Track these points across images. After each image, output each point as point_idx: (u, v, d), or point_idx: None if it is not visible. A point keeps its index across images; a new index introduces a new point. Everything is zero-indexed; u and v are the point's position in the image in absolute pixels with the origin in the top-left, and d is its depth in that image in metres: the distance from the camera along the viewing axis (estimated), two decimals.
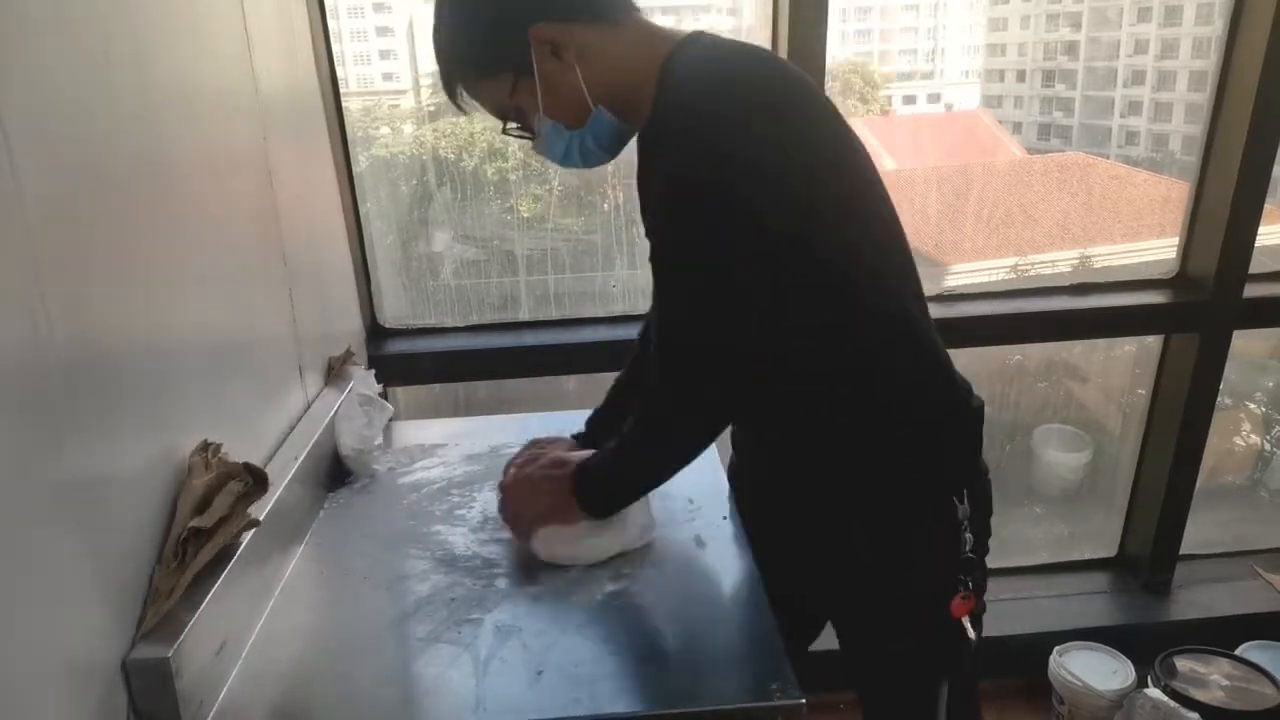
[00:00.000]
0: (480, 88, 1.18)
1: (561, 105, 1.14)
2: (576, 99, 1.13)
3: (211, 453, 1.09)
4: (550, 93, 1.13)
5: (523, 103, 1.15)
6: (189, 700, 0.94)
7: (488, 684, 1.01)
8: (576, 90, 1.13)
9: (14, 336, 0.77)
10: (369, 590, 1.21)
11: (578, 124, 1.16)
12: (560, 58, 1.11)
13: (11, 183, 0.78)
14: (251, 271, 1.35)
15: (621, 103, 1.15)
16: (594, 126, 1.16)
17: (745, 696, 0.98)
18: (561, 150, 1.19)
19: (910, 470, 1.17)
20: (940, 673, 1.23)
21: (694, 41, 1.13)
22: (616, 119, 1.16)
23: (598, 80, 1.13)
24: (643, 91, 1.11)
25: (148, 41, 1.06)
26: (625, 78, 1.13)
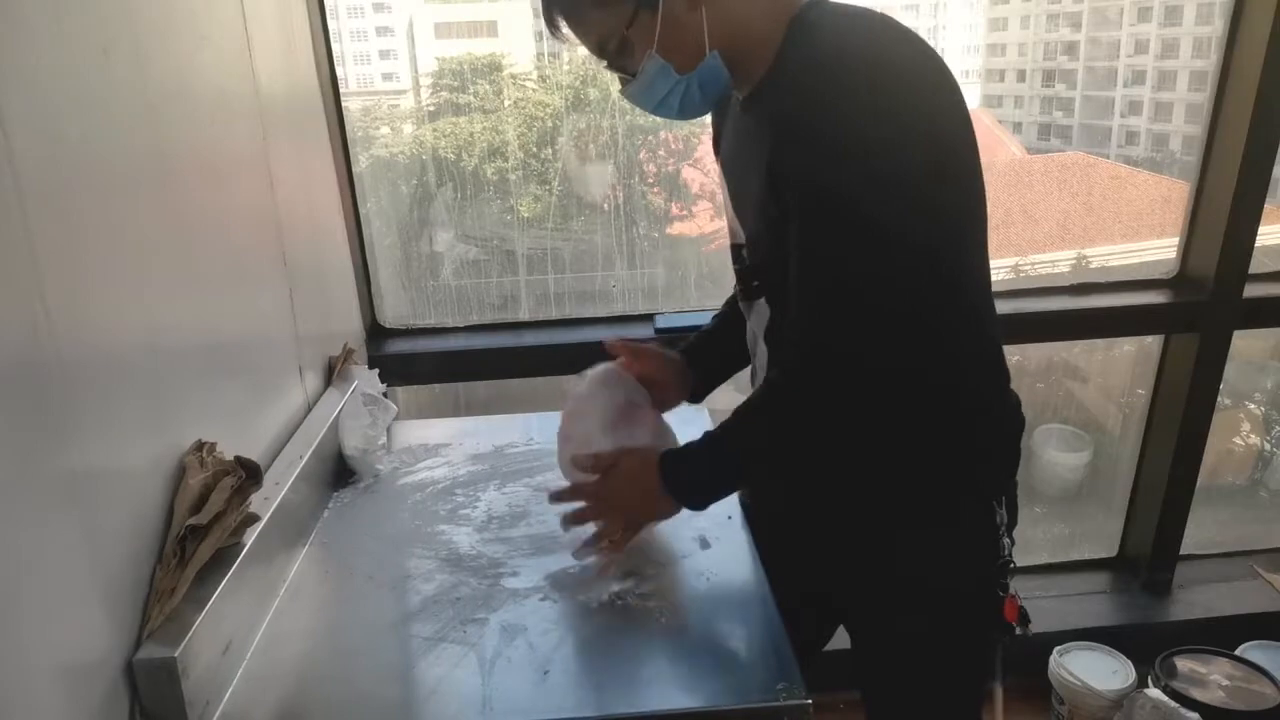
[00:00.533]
0: (592, 14, 1.09)
1: (677, 45, 1.07)
2: (695, 41, 1.06)
3: (206, 451, 1.09)
4: (670, 30, 1.06)
5: (636, 36, 1.08)
6: (195, 700, 0.93)
7: (494, 684, 1.00)
8: (698, 32, 1.06)
9: (13, 336, 0.77)
10: (374, 590, 1.20)
11: (688, 68, 1.09)
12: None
13: (11, 182, 0.77)
14: (251, 271, 1.34)
15: (735, 54, 1.08)
16: (704, 73, 1.09)
17: (751, 696, 0.98)
18: (662, 94, 1.12)
19: (963, 477, 1.16)
20: (988, 675, 1.23)
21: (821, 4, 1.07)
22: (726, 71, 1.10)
23: (720, 26, 1.06)
24: (762, 47, 1.06)
25: (147, 41, 1.05)
26: (747, 29, 1.07)
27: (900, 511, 1.17)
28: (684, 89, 1.11)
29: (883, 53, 1.01)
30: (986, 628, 1.18)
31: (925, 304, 1.01)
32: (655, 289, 2.15)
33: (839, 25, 1.04)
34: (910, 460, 1.14)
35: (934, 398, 1.08)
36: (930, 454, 1.13)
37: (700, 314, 1.97)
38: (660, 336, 1.97)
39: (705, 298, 2.12)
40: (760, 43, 1.07)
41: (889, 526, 1.19)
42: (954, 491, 1.16)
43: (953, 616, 1.19)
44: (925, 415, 1.10)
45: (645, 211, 2.15)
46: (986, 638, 1.19)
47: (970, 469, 1.16)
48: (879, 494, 1.17)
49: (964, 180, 1.05)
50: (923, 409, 1.09)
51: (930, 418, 1.10)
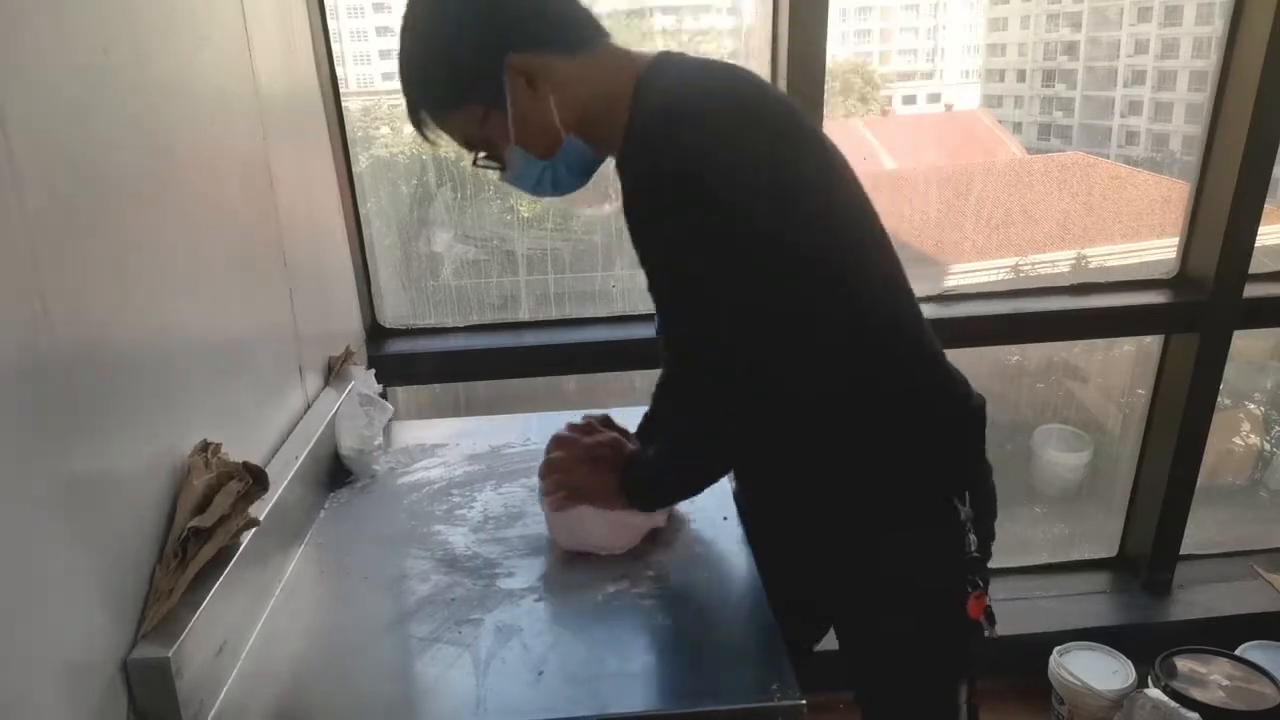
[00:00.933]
0: (449, 118, 1.16)
1: (533, 135, 1.14)
2: (549, 129, 1.13)
3: (211, 452, 1.09)
4: (522, 123, 1.12)
5: (493, 134, 1.14)
6: (189, 700, 0.94)
7: (488, 684, 1.01)
8: (549, 120, 1.12)
9: (14, 336, 0.77)
10: (369, 590, 1.21)
11: (549, 154, 1.16)
12: (535, 88, 1.11)
13: (11, 183, 0.78)
14: (251, 271, 1.35)
15: (593, 129, 1.15)
16: (565, 155, 1.16)
17: (745, 697, 0.98)
18: (533, 180, 1.19)
19: (907, 474, 1.17)
20: (958, 674, 1.23)
21: (664, 61, 1.13)
22: (588, 146, 1.16)
23: (570, 109, 1.13)
24: (615, 116, 1.11)
25: (147, 41, 1.06)
26: (598, 104, 1.13)
27: (855, 511, 1.19)
28: (551, 172, 1.18)
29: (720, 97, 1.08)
30: (951, 625, 1.18)
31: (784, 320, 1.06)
32: None
33: (677, 76, 1.11)
34: (850, 460, 1.17)
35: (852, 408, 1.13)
36: (870, 459, 1.16)
37: None
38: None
39: None
40: (613, 109, 1.11)
41: (848, 526, 1.21)
42: (903, 490, 1.17)
43: (919, 615, 1.19)
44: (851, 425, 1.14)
45: None
46: (953, 635, 1.19)
47: (918, 470, 1.17)
48: (832, 495, 1.20)
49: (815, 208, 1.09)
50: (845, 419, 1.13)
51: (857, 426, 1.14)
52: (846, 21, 2.25)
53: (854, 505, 1.19)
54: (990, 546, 1.21)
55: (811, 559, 1.27)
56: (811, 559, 1.27)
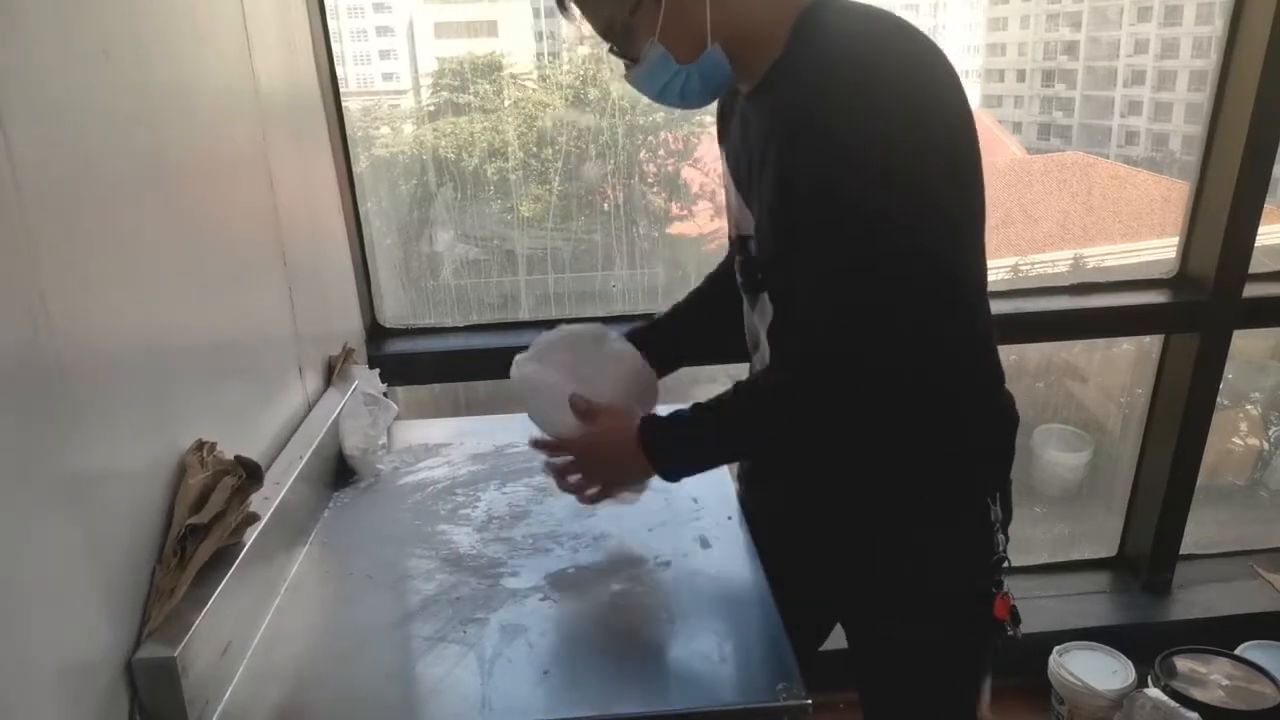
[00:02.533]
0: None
1: (680, 35, 1.07)
2: (697, 32, 1.06)
3: (206, 451, 1.09)
4: (673, 19, 1.06)
5: (639, 23, 1.08)
6: (195, 699, 0.94)
7: (493, 684, 1.00)
8: (700, 23, 1.06)
9: (13, 336, 0.77)
10: (374, 590, 1.20)
11: (690, 59, 1.08)
12: None
13: (11, 182, 0.77)
14: (251, 271, 1.35)
15: (739, 48, 1.08)
16: (705, 64, 1.09)
17: (751, 696, 0.98)
18: (662, 83, 1.12)
19: (955, 473, 1.16)
20: (979, 673, 1.23)
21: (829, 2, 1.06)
22: (728, 64, 1.10)
23: (724, 19, 1.06)
24: (768, 44, 1.06)
25: (148, 41, 1.05)
26: (752, 23, 1.07)
27: (895, 511, 1.17)
28: (684, 79, 1.10)
29: (891, 51, 1.01)
30: (979, 625, 1.18)
31: (927, 306, 1.00)
32: (655, 289, 2.15)
33: (847, 23, 1.04)
34: (904, 460, 1.14)
35: (929, 397, 1.08)
36: (924, 453, 1.14)
37: None
38: None
39: None
40: (765, 36, 1.06)
41: (883, 526, 1.19)
42: (948, 490, 1.17)
43: (945, 614, 1.19)
44: (920, 415, 1.10)
45: (645, 211, 2.14)
46: (979, 635, 1.19)
47: (964, 468, 1.17)
48: (873, 493, 1.18)
49: (970, 181, 1.05)
50: (918, 409, 1.09)
51: (924, 417, 1.10)
52: None
53: (896, 502, 1.17)
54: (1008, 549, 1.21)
55: (836, 557, 1.26)
56: (836, 557, 1.26)
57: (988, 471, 1.19)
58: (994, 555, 1.17)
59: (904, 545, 1.18)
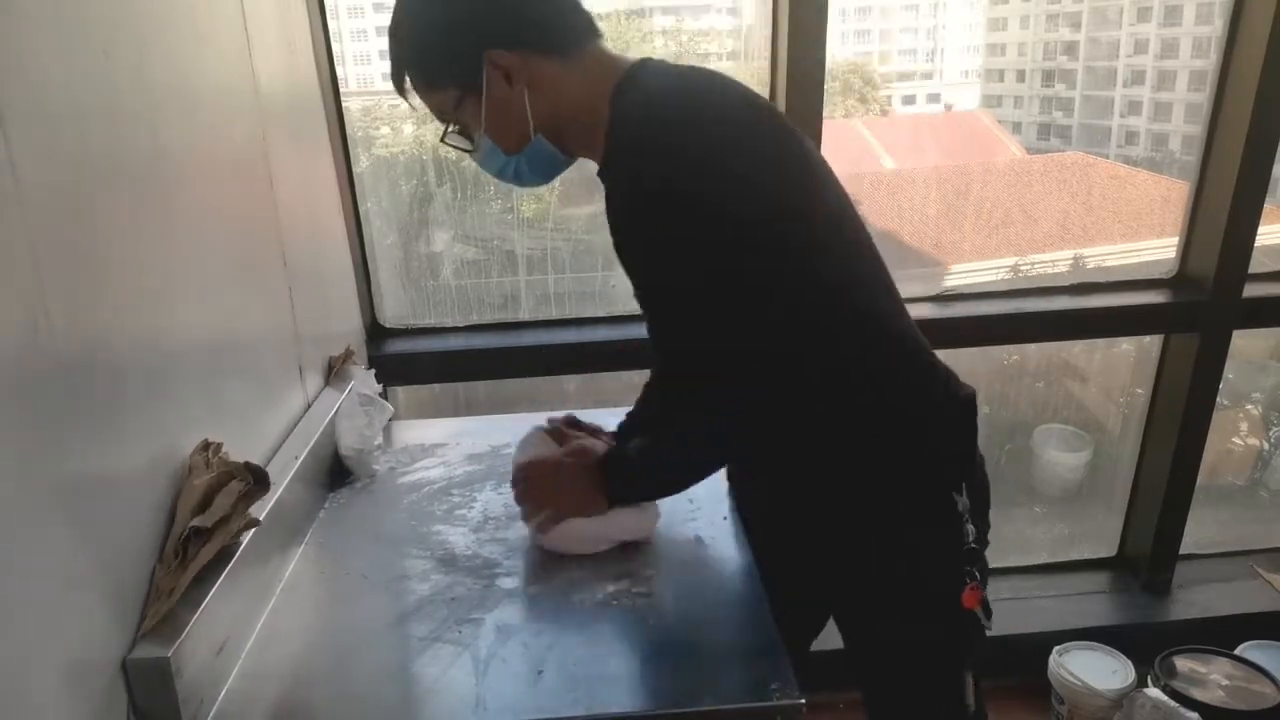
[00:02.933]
0: (426, 93, 1.18)
1: (503, 128, 1.15)
2: (519, 125, 1.15)
3: (212, 452, 1.09)
4: (495, 115, 1.14)
5: (465, 116, 1.17)
6: (189, 699, 0.94)
7: (488, 683, 1.01)
8: (521, 117, 1.14)
9: (14, 336, 0.77)
10: (369, 590, 1.21)
11: (516, 149, 1.17)
12: (511, 84, 1.12)
13: (11, 182, 0.78)
14: (251, 271, 1.35)
15: (565, 132, 1.17)
16: (531, 153, 1.18)
17: (745, 696, 0.98)
18: (497, 168, 1.21)
19: (903, 468, 1.17)
20: (961, 664, 1.24)
21: (641, 68, 1.14)
22: (556, 148, 1.18)
23: (544, 110, 1.14)
24: (592, 121, 1.12)
25: (148, 41, 1.06)
26: (572, 109, 1.14)
27: (856, 509, 1.20)
28: (515, 166, 1.19)
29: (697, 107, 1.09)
30: (949, 616, 1.19)
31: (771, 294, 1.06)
32: None
33: (658, 80, 1.12)
34: (854, 462, 1.17)
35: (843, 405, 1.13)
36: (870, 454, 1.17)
37: None
38: None
39: None
40: (590, 116, 1.13)
41: (848, 524, 1.21)
42: (905, 487, 1.18)
43: (916, 607, 1.20)
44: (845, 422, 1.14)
45: None
46: (954, 626, 1.20)
47: (917, 463, 1.18)
48: (833, 494, 1.21)
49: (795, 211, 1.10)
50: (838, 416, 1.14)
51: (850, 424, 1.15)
52: (846, 21, 2.26)
53: (850, 501, 1.20)
54: (987, 537, 1.21)
55: (813, 555, 1.28)
56: (813, 555, 1.28)
57: (943, 463, 1.19)
58: (964, 545, 1.17)
59: (869, 542, 1.20)
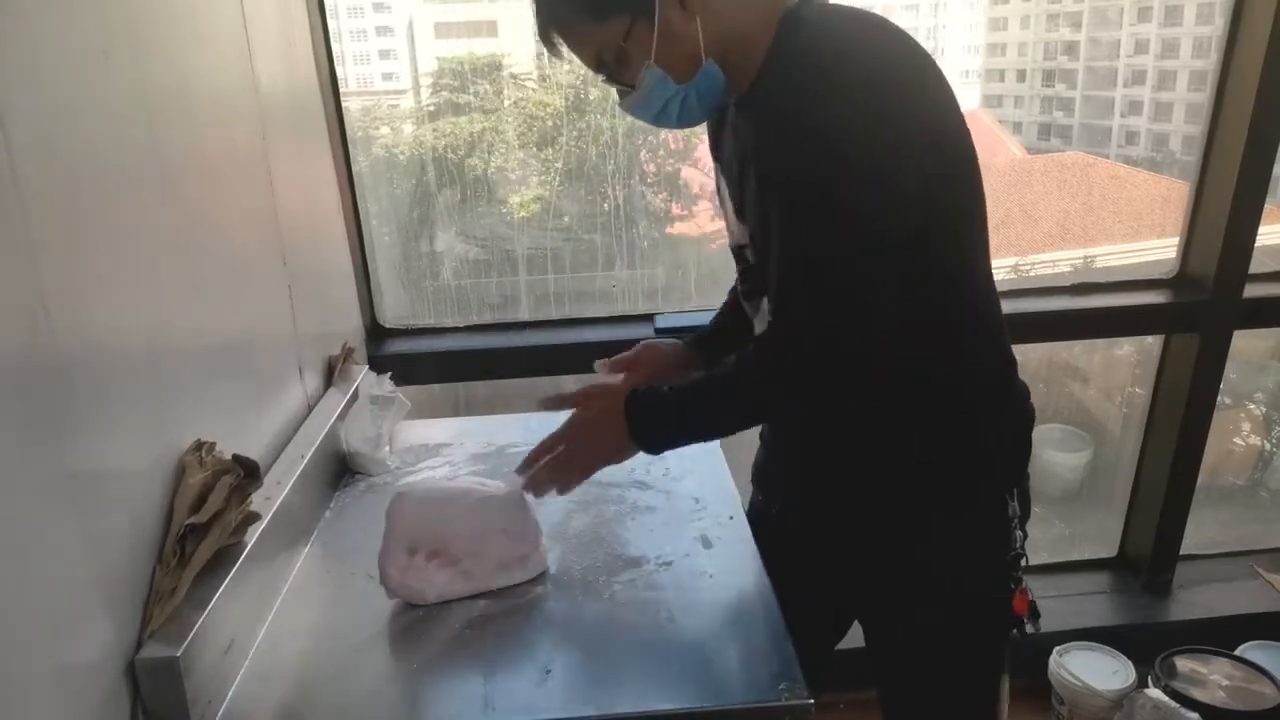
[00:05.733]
0: (589, 29, 1.10)
1: (675, 55, 1.08)
2: (691, 50, 1.07)
3: (205, 451, 1.09)
4: (666, 41, 1.07)
5: (633, 49, 1.08)
6: (197, 699, 0.94)
7: (495, 683, 1.00)
8: (694, 41, 1.07)
9: (13, 336, 0.77)
10: (375, 589, 1.20)
11: (686, 77, 1.09)
12: (685, 6, 1.06)
13: (11, 182, 0.77)
14: (251, 271, 1.34)
15: (732, 60, 1.09)
16: (701, 81, 1.10)
17: (753, 696, 0.98)
18: (660, 104, 1.12)
19: (972, 464, 1.17)
20: (999, 668, 1.23)
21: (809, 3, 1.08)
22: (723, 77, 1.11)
23: (715, 33, 1.07)
24: (755, 47, 1.07)
25: (147, 41, 1.05)
26: (741, 33, 1.08)
27: (912, 505, 1.18)
28: (682, 98, 1.11)
29: (871, 49, 1.03)
30: (997, 621, 1.19)
31: (910, 297, 1.01)
32: (655, 289, 2.15)
33: (827, 22, 1.05)
34: (918, 453, 1.15)
35: (935, 390, 1.09)
36: (938, 447, 1.14)
37: (701, 314, 1.97)
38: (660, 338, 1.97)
39: (705, 298, 2.12)
40: (753, 44, 1.08)
41: (902, 520, 1.19)
42: (965, 484, 1.17)
43: (964, 609, 1.19)
44: (929, 408, 1.11)
45: (645, 211, 2.14)
46: (997, 631, 1.20)
47: (980, 462, 1.17)
48: (890, 488, 1.18)
49: (957, 176, 1.06)
50: (924, 401, 1.10)
51: (934, 410, 1.12)
52: None
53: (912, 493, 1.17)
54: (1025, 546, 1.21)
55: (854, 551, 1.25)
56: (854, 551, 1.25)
57: (1004, 465, 1.19)
58: (1012, 550, 1.17)
59: (921, 538, 1.18)
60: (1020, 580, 1.17)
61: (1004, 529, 1.16)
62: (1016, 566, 1.17)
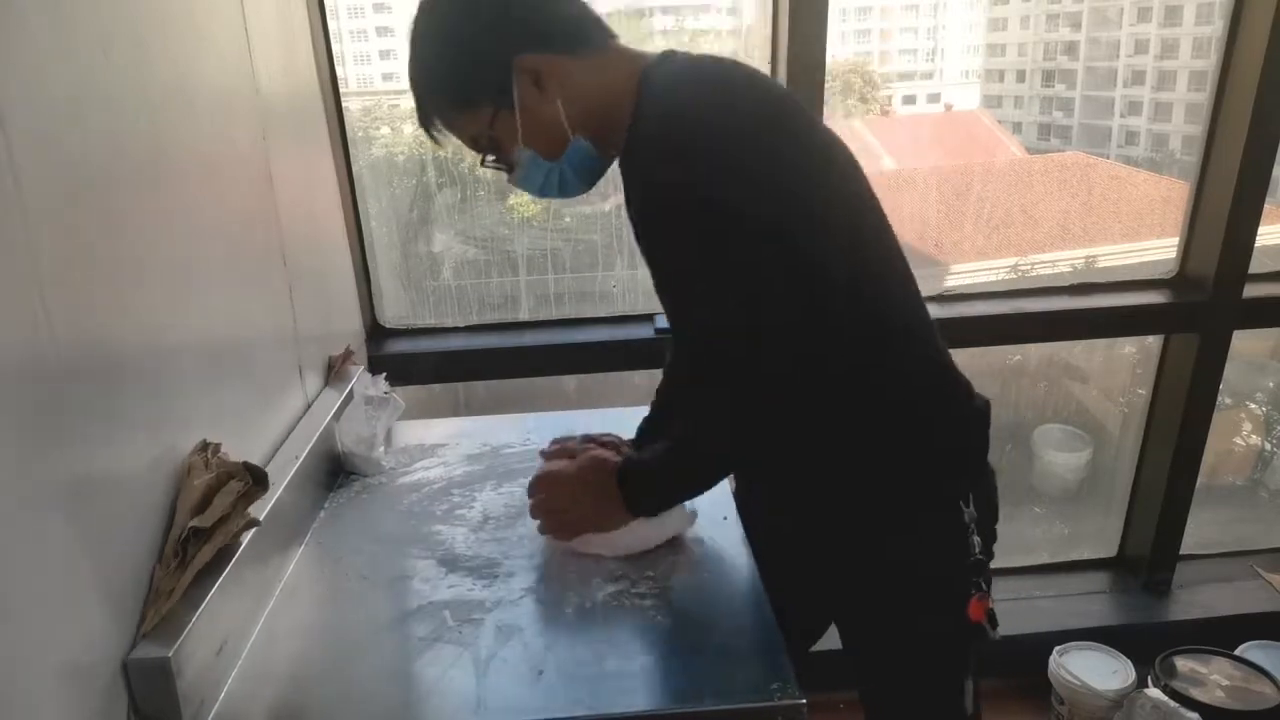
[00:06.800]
0: (458, 119, 1.17)
1: (541, 135, 1.14)
2: (556, 129, 1.13)
3: (211, 452, 1.09)
4: (530, 123, 1.13)
5: (501, 134, 1.15)
6: (189, 700, 0.94)
7: (488, 684, 1.00)
8: (556, 120, 1.13)
9: (14, 336, 0.77)
10: (369, 590, 1.20)
11: (556, 154, 1.16)
12: (542, 88, 1.11)
13: (11, 183, 0.78)
14: (251, 271, 1.35)
15: (599, 131, 1.15)
16: (572, 156, 1.16)
17: (746, 696, 0.98)
18: (539, 181, 1.19)
19: (912, 475, 1.17)
20: (961, 672, 1.24)
21: (666, 60, 1.14)
22: (593, 148, 1.16)
23: (577, 109, 1.13)
24: (620, 116, 1.11)
25: (147, 41, 1.05)
26: (603, 106, 1.13)
27: (863, 514, 1.19)
28: (558, 173, 1.18)
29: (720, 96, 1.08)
30: (953, 626, 1.19)
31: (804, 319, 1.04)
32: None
33: (680, 75, 1.11)
34: (865, 465, 1.17)
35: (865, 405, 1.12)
36: (878, 459, 1.16)
37: None
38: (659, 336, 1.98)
39: None
40: (618, 110, 1.12)
41: (854, 529, 1.21)
42: (912, 493, 1.18)
43: (920, 614, 1.20)
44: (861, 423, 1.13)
45: None
46: (956, 635, 1.20)
47: (923, 469, 1.17)
48: (841, 498, 1.20)
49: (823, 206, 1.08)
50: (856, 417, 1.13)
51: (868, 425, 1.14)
52: (846, 21, 2.26)
53: (858, 506, 1.19)
54: (992, 548, 1.21)
55: (816, 559, 1.27)
56: (816, 559, 1.27)
57: (950, 469, 1.19)
58: (970, 556, 1.17)
59: (873, 548, 1.20)
60: (980, 586, 1.17)
61: (959, 534, 1.16)
62: (978, 572, 1.17)
